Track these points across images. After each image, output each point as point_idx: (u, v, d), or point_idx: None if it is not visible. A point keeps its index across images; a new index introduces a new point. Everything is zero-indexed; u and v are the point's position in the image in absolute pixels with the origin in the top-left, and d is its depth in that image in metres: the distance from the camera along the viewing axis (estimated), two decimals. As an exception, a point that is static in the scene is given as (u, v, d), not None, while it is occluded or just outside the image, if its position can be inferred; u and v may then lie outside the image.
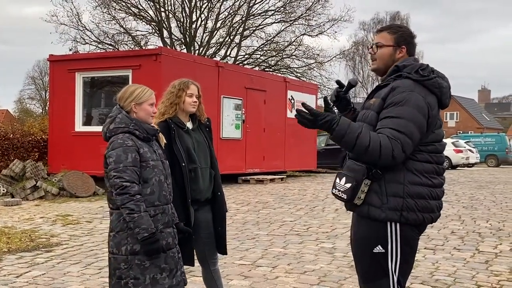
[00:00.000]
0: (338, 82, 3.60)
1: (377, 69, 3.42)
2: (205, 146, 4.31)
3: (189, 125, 4.29)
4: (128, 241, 3.44)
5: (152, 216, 3.44)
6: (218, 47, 34.78)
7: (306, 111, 3.09)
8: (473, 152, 32.88)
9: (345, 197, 3.15)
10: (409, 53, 3.33)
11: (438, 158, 3.24)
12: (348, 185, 3.12)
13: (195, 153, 4.21)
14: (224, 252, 4.42)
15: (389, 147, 2.98)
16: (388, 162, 3.02)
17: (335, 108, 3.54)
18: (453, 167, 30.28)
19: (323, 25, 34.36)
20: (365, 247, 3.19)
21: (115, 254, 3.50)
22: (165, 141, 3.88)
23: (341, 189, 3.17)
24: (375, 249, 3.14)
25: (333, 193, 3.27)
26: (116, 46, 32.89)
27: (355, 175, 3.10)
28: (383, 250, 3.14)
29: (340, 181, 3.19)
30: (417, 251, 7.61)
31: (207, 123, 4.42)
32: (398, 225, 3.12)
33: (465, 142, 33.91)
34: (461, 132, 58.32)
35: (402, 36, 3.34)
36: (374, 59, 3.40)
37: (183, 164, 4.09)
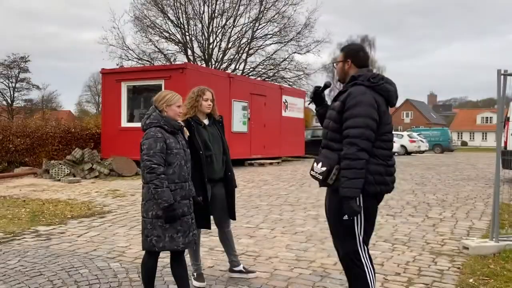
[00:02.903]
0: (316, 86, 3.59)
1: (339, 79, 3.43)
2: (218, 137, 4.28)
3: (206, 122, 4.26)
4: (153, 208, 3.46)
5: (172, 190, 3.46)
6: (230, 62, 34.59)
7: None
8: (423, 142, 32.83)
9: (321, 178, 3.15)
10: (355, 64, 3.29)
11: (388, 145, 3.20)
12: (324, 168, 3.13)
13: (210, 143, 4.18)
14: (233, 218, 4.41)
15: (359, 151, 2.99)
16: (366, 153, 3.03)
17: (313, 103, 3.59)
18: (408, 153, 30.21)
19: (310, 45, 33.97)
20: (337, 216, 3.16)
21: (144, 217, 3.53)
22: (188, 134, 3.88)
23: (318, 172, 3.17)
24: (344, 217, 3.09)
25: (311, 174, 3.28)
26: (152, 62, 32.74)
27: (329, 162, 3.11)
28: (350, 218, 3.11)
29: (317, 165, 3.19)
30: (381, 217, 7.65)
31: (220, 119, 4.40)
32: (361, 196, 3.07)
33: (417, 135, 33.84)
34: (414, 126, 58.06)
35: (348, 52, 3.34)
36: (336, 72, 3.46)
37: (201, 152, 4.08)
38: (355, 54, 3.32)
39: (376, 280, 3.46)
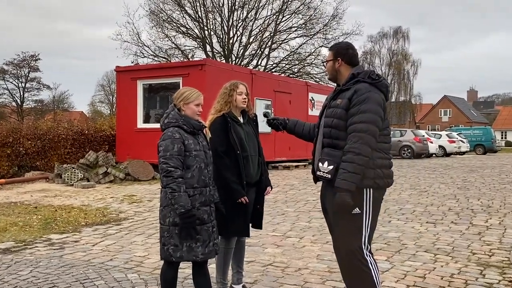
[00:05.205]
0: (267, 119, 4.16)
1: (329, 78, 3.73)
2: (253, 137, 4.24)
3: (241, 119, 4.23)
4: (171, 214, 3.46)
5: (191, 196, 3.44)
6: (251, 58, 34.74)
7: None
8: (463, 142, 32.21)
9: (329, 177, 3.35)
10: (346, 62, 3.54)
11: (388, 139, 3.50)
12: (331, 167, 3.35)
13: (246, 143, 4.13)
14: (260, 226, 4.30)
15: (363, 146, 3.23)
16: (370, 149, 3.28)
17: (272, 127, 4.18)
18: (447, 155, 29.70)
19: (338, 38, 33.80)
20: (346, 211, 3.33)
21: (162, 224, 3.54)
22: (210, 134, 3.86)
23: (326, 171, 3.38)
24: (353, 211, 3.31)
25: (317, 175, 3.49)
26: (169, 59, 33.09)
27: (335, 159, 3.34)
28: (360, 211, 3.34)
29: (323, 165, 3.40)
30: (421, 225, 7.51)
31: (254, 118, 4.37)
32: (371, 190, 3.36)
33: (457, 134, 33.28)
34: (453, 125, 57.08)
35: (337, 51, 3.60)
36: (326, 71, 3.75)
37: (238, 151, 4.03)
38: (345, 52, 3.57)
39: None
